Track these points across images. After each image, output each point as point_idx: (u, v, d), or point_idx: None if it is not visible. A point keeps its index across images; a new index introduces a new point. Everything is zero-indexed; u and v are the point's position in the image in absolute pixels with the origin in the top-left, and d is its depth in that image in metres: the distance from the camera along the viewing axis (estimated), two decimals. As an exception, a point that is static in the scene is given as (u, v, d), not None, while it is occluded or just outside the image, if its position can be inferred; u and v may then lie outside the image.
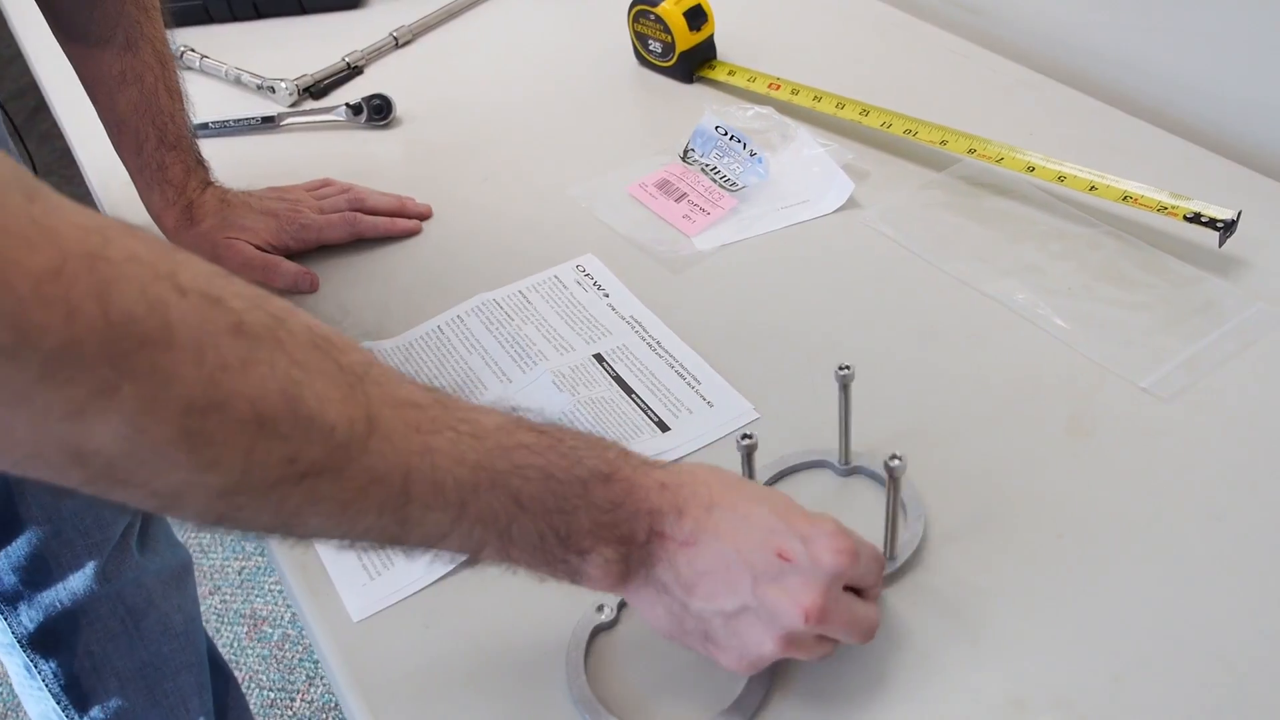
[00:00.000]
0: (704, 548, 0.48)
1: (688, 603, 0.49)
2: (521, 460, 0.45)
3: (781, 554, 0.48)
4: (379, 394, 0.42)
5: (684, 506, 0.49)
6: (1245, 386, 0.65)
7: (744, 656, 0.49)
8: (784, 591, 0.48)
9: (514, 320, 0.76)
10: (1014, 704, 0.51)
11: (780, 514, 0.50)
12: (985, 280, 0.75)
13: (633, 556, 0.48)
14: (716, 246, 0.81)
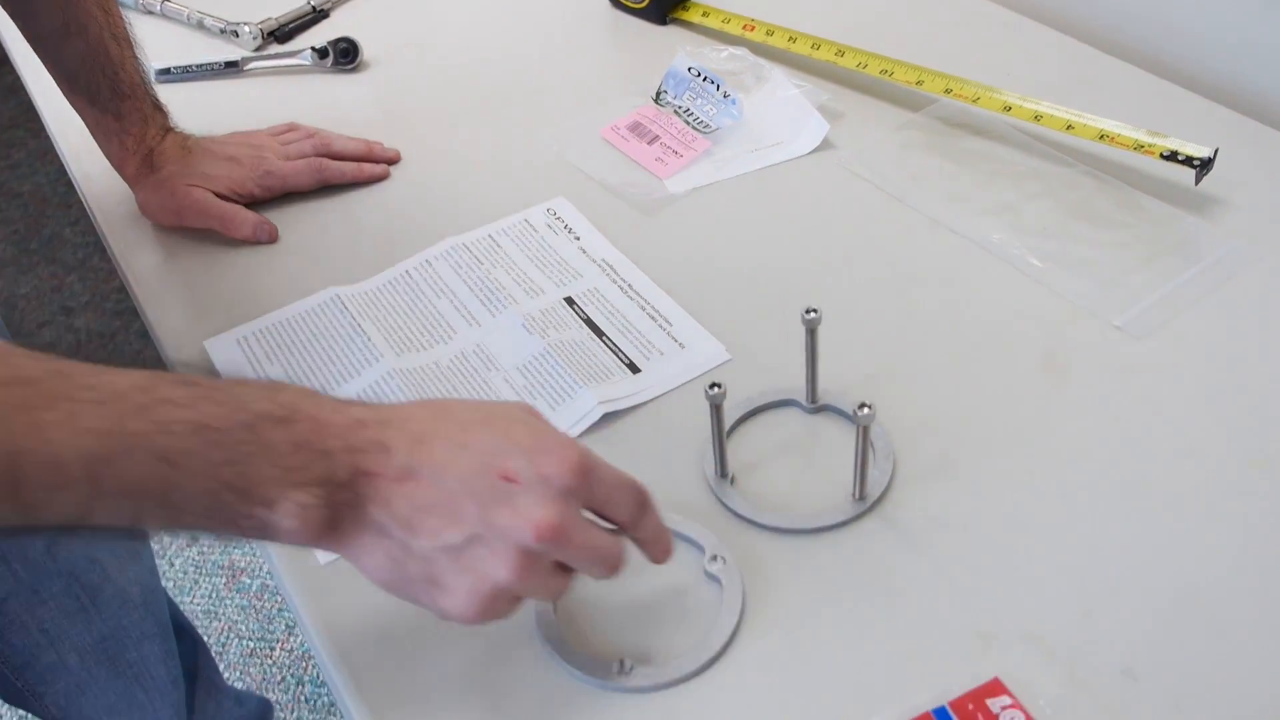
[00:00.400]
0: (422, 481, 0.45)
1: (410, 543, 0.45)
2: (164, 416, 0.41)
3: (505, 475, 0.45)
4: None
5: (390, 441, 0.45)
6: (1219, 324, 0.65)
7: (475, 592, 0.45)
8: (514, 512, 0.44)
9: (483, 264, 0.75)
10: (982, 638, 0.51)
11: (503, 434, 0.46)
12: (960, 221, 0.74)
13: (338, 500, 0.44)
14: (689, 189, 0.80)
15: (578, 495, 0.46)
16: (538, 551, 0.45)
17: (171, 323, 0.73)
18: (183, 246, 0.80)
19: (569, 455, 0.46)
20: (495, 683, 0.52)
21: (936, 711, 0.49)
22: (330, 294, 0.73)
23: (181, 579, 1.48)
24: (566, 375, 0.65)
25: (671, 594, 0.55)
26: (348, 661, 0.54)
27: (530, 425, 0.48)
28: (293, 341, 0.70)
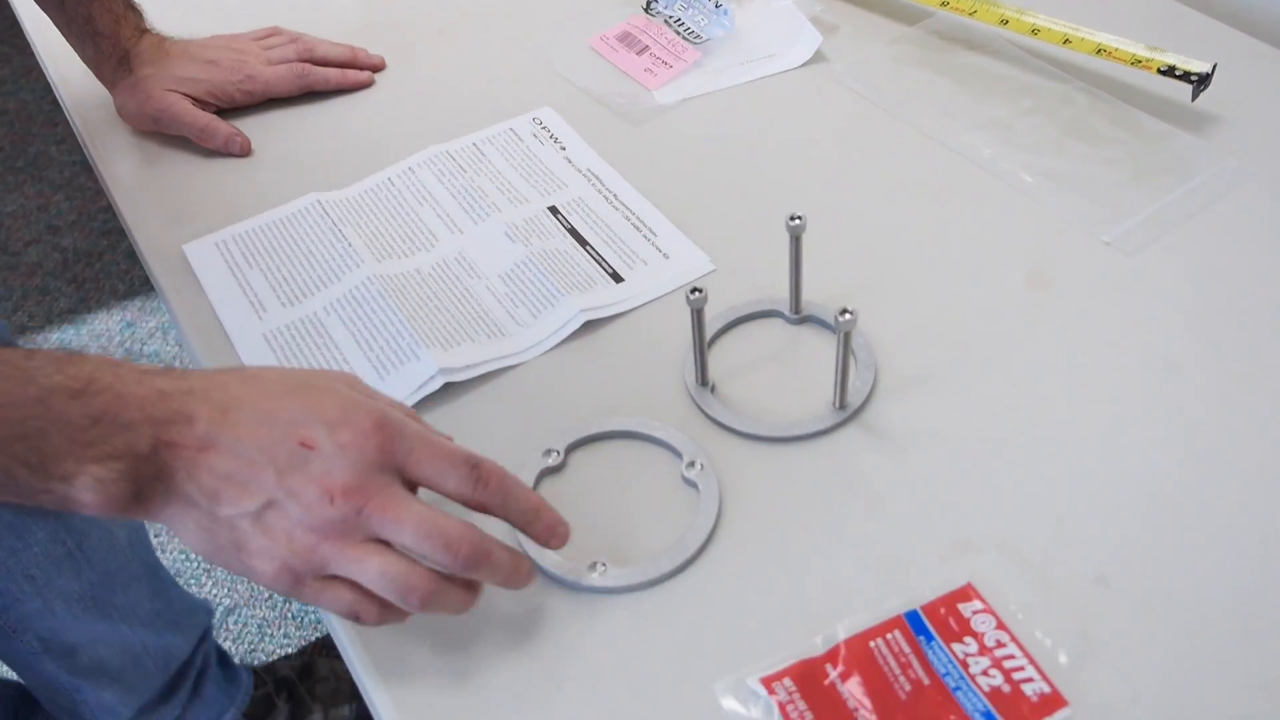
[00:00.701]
0: (223, 450, 0.44)
1: (215, 511, 0.45)
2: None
3: (304, 442, 0.45)
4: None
5: (193, 412, 0.45)
6: (1208, 242, 0.64)
7: (274, 555, 0.45)
8: (307, 477, 0.44)
9: (467, 172, 0.74)
10: (957, 545, 0.51)
11: (309, 403, 0.46)
12: (952, 136, 0.73)
13: (141, 473, 0.43)
14: (678, 100, 0.79)
15: (382, 464, 0.45)
16: (337, 518, 0.44)
17: (150, 227, 0.72)
18: (162, 151, 0.78)
19: (366, 422, 0.45)
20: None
21: (908, 615, 0.49)
22: (311, 199, 0.72)
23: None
24: (549, 283, 0.65)
25: (647, 499, 0.55)
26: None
27: (340, 395, 0.47)
28: (272, 246, 0.69)
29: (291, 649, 1.30)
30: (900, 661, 0.48)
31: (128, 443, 0.43)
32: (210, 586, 1.38)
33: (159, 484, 0.44)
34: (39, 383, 0.42)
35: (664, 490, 0.55)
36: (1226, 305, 0.61)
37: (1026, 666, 0.47)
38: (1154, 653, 0.47)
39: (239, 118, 0.80)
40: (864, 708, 0.46)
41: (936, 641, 0.48)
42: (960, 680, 0.47)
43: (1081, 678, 0.46)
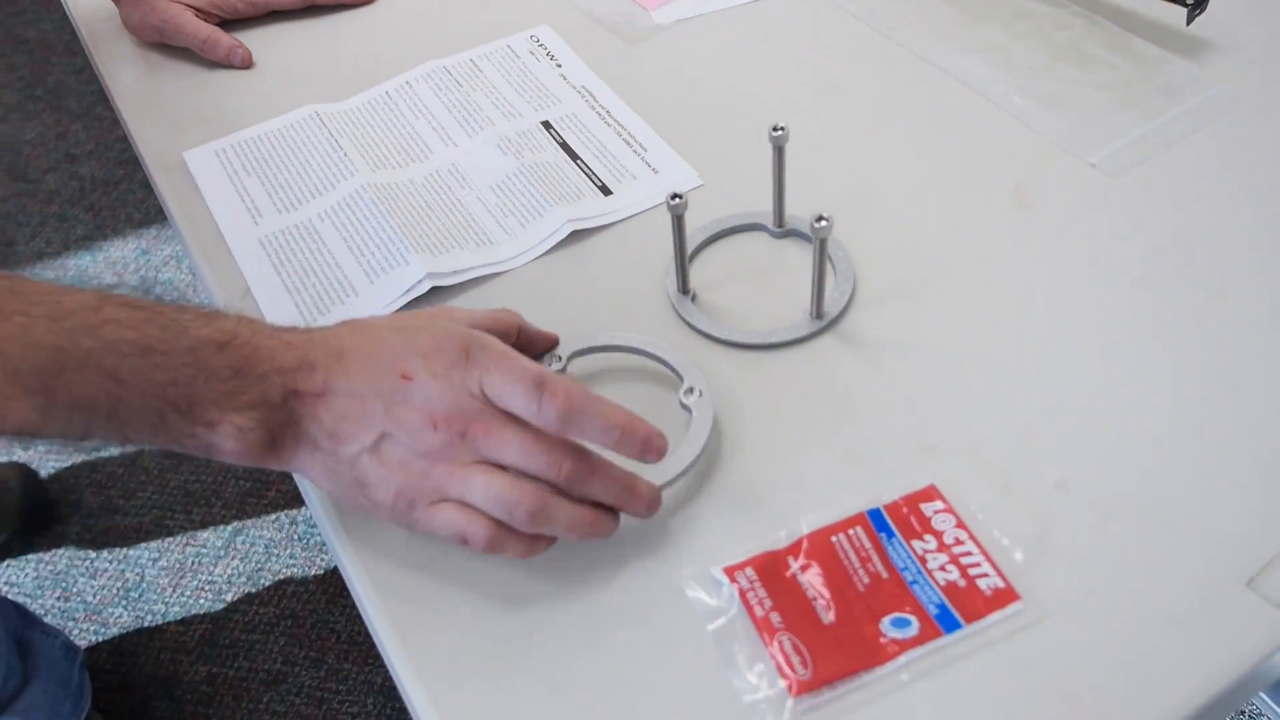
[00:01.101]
0: (338, 393, 0.47)
1: (337, 452, 0.47)
2: (112, 335, 0.43)
3: (404, 375, 0.47)
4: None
5: (314, 359, 0.48)
6: (1193, 165, 0.65)
7: (390, 484, 0.47)
8: (410, 406, 0.46)
9: (463, 87, 0.75)
10: (925, 448, 0.53)
11: (408, 340, 0.48)
12: (946, 58, 0.73)
13: (274, 420, 0.46)
14: (675, 20, 0.79)
15: (470, 385, 0.46)
16: (442, 442, 0.46)
17: (151, 134, 0.74)
18: (165, 62, 0.80)
19: (456, 349, 0.47)
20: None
21: (871, 512, 0.51)
22: (309, 111, 0.73)
23: (182, 419, 1.52)
24: (538, 195, 0.66)
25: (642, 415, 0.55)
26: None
27: (436, 329, 0.48)
28: (270, 155, 0.71)
29: (298, 571, 1.34)
30: (860, 555, 0.49)
31: (263, 393, 0.46)
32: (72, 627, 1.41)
33: (289, 430, 0.47)
34: (191, 334, 0.45)
35: (659, 409, 0.55)
36: (1204, 227, 0.61)
37: (983, 563, 0.48)
38: (1108, 554, 0.48)
39: (241, 30, 0.81)
40: (822, 597, 0.48)
41: (897, 538, 0.50)
42: (918, 574, 0.48)
43: (1036, 575, 0.48)
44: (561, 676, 0.47)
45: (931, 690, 0.45)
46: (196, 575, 1.35)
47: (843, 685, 0.45)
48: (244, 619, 1.30)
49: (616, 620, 0.48)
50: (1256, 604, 0.46)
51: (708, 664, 0.47)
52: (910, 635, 0.47)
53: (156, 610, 1.32)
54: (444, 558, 0.51)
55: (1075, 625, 0.46)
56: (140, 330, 0.44)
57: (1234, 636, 0.45)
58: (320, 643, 1.27)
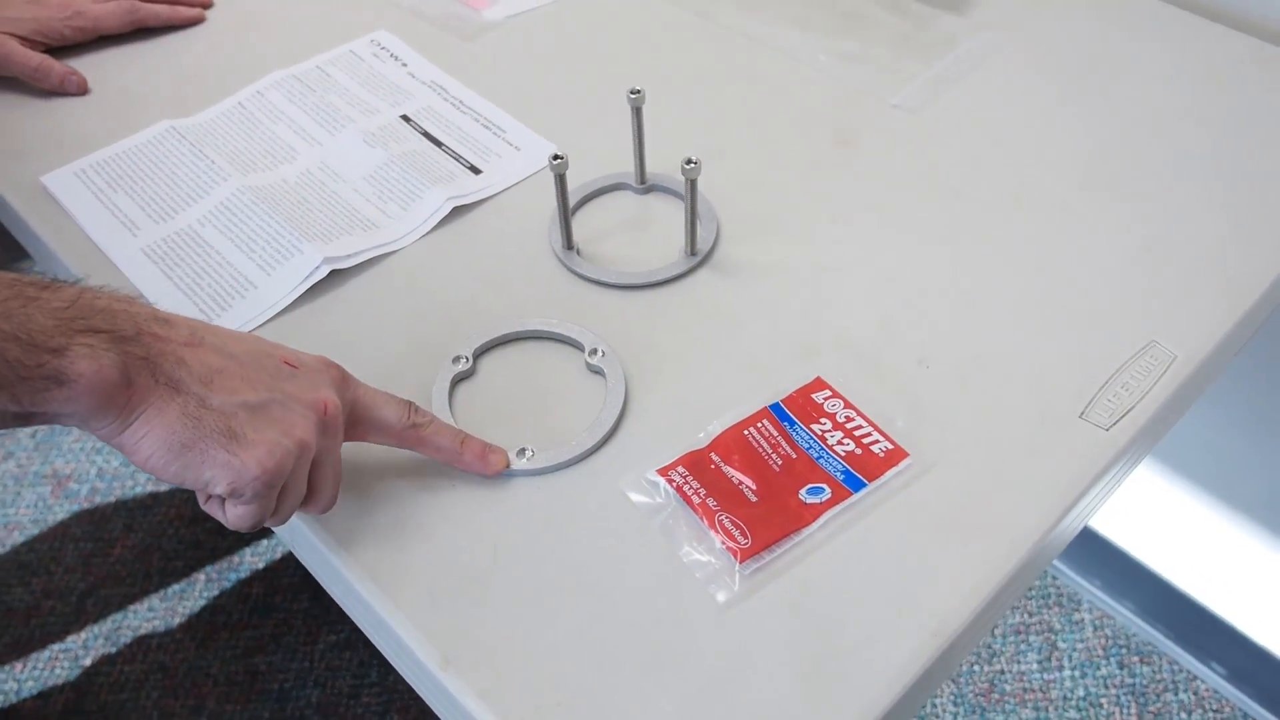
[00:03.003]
0: (210, 349, 0.47)
1: (206, 397, 0.46)
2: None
3: (288, 361, 0.50)
4: None
5: (168, 317, 0.47)
6: (975, 98, 0.76)
7: (277, 444, 0.47)
8: (301, 388, 0.49)
9: (316, 92, 0.78)
10: (805, 349, 0.61)
11: (268, 342, 0.51)
12: (755, 29, 0.82)
13: (128, 350, 0.44)
14: (505, 17, 0.85)
15: (344, 390, 0.52)
16: (326, 426, 0.49)
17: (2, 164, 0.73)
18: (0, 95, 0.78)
19: (322, 359, 0.52)
20: (409, 485, 0.56)
21: (772, 406, 0.58)
22: (165, 126, 0.74)
23: (2, 492, 1.43)
24: (413, 180, 0.70)
25: (559, 389, 0.60)
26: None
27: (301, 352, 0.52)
28: (134, 170, 0.71)
29: (159, 623, 1.29)
30: (770, 443, 0.56)
31: (109, 322, 0.44)
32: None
33: (146, 365, 0.45)
34: (3, 278, 0.43)
35: (571, 377, 0.60)
36: (994, 145, 0.72)
37: (872, 433, 0.57)
38: (969, 409, 0.57)
39: (71, 58, 0.80)
40: (746, 482, 0.55)
41: (798, 424, 0.57)
42: (821, 451, 0.56)
43: (917, 435, 0.56)
44: (529, 586, 0.51)
45: (851, 539, 0.53)
46: (46, 646, 1.28)
47: (778, 547, 0.52)
48: (108, 680, 1.25)
49: (571, 532, 0.53)
50: (1089, 430, 0.56)
51: (660, 553, 0.52)
52: (825, 499, 0.54)
53: (8, 689, 1.25)
54: (393, 500, 0.54)
55: (954, 470, 0.55)
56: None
57: (1077, 457, 0.55)
58: (197, 689, 1.24)
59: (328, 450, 0.50)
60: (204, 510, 0.49)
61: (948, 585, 0.51)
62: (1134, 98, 0.75)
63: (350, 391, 0.52)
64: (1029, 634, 1.26)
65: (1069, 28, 0.81)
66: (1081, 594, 1.30)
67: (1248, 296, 0.62)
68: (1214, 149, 0.71)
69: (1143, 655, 1.24)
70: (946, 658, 0.50)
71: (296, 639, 1.26)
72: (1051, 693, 1.22)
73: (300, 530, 0.55)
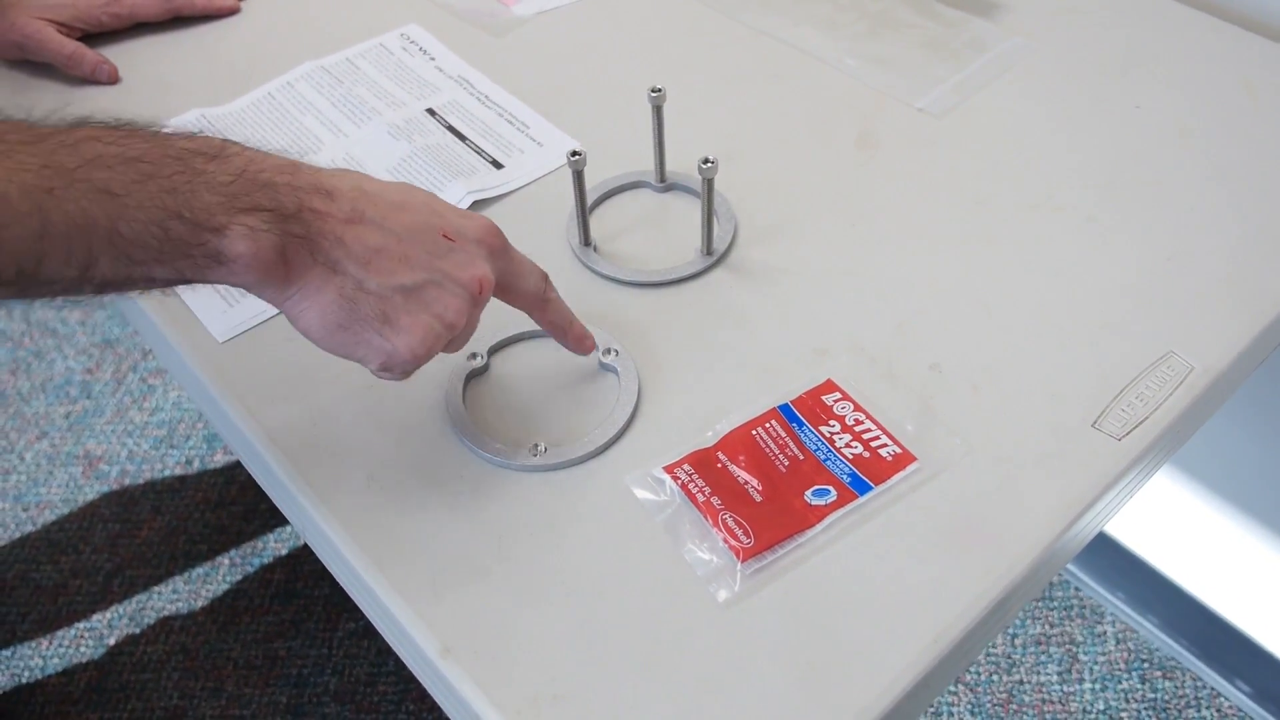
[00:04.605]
0: (370, 226, 0.47)
1: (364, 280, 0.47)
2: (93, 152, 0.42)
3: (446, 234, 0.50)
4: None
5: (333, 188, 0.47)
6: (1001, 104, 0.75)
7: (429, 329, 0.48)
8: (457, 265, 0.49)
9: (344, 84, 0.78)
10: (817, 352, 0.61)
11: (431, 200, 0.51)
12: (783, 30, 0.82)
13: (288, 230, 0.45)
14: (535, 13, 0.85)
15: (498, 261, 0.52)
16: (477, 301, 0.51)
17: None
18: (32, 81, 0.80)
19: (491, 225, 0.53)
20: (420, 477, 0.56)
21: (781, 407, 0.58)
22: (195, 114, 0.76)
23: (35, 471, 1.46)
24: (435, 173, 0.71)
25: (572, 387, 0.60)
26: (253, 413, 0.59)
27: (440, 198, 0.52)
28: (163, 158, 0.73)
29: (183, 605, 1.31)
30: (778, 444, 0.56)
31: (272, 199, 0.45)
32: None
33: (304, 244, 0.45)
34: (177, 145, 0.44)
35: (586, 374, 0.61)
36: (1017, 151, 0.72)
37: (881, 436, 0.56)
38: (980, 415, 0.57)
39: (106, 45, 0.82)
40: (751, 481, 0.55)
41: (806, 426, 0.57)
42: (829, 453, 0.56)
43: (926, 440, 0.56)
44: (533, 578, 0.52)
45: (855, 542, 0.53)
46: (72, 624, 1.31)
47: (781, 548, 0.52)
48: (131, 660, 1.27)
49: (575, 527, 0.54)
50: (1101, 440, 0.56)
51: (662, 549, 0.53)
52: (830, 501, 0.54)
53: (34, 666, 1.27)
54: (403, 491, 0.55)
55: (963, 476, 0.55)
56: (122, 145, 0.43)
57: (1087, 466, 0.55)
58: (217, 672, 1.25)
59: (475, 317, 0.52)
60: None
61: (950, 591, 0.50)
62: (1162, 106, 0.74)
63: (503, 259, 0.53)
64: (1050, 645, 1.25)
65: (1099, 34, 0.80)
66: (1105, 606, 1.28)
67: (1269, 310, 0.61)
68: (1244, 160, 0.70)
69: (1165, 670, 1.22)
70: (947, 664, 0.50)
71: (316, 626, 1.28)
72: (1071, 705, 1.20)
73: (310, 518, 0.56)
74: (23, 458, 1.48)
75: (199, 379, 0.61)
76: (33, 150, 0.41)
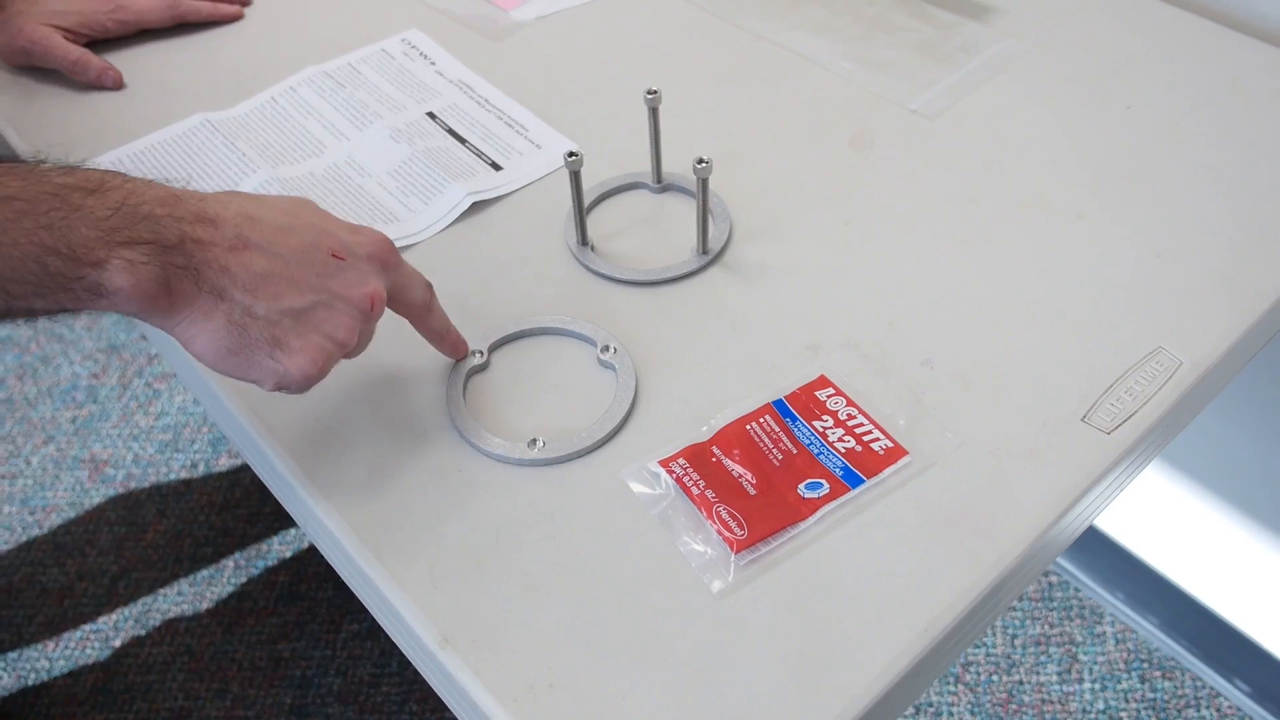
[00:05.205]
0: (256, 251, 0.47)
1: (251, 306, 0.47)
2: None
3: (335, 253, 0.50)
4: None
5: (216, 215, 0.47)
6: (993, 105, 0.76)
7: (320, 349, 0.49)
8: (346, 284, 0.50)
9: (346, 88, 0.80)
10: (810, 348, 0.61)
11: (321, 218, 0.52)
12: (778, 34, 0.83)
13: (170, 261, 0.45)
14: (534, 17, 0.86)
15: (390, 274, 0.53)
16: (368, 316, 0.52)
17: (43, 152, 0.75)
18: (40, 87, 0.81)
19: (383, 238, 0.53)
20: (420, 471, 0.57)
21: (775, 403, 0.59)
22: (200, 119, 0.77)
23: (41, 475, 1.47)
24: (435, 175, 0.72)
25: (570, 383, 0.61)
26: (261, 418, 0.60)
27: (332, 216, 0.53)
28: (169, 160, 0.74)
29: (188, 607, 1.32)
30: (772, 438, 0.57)
31: (153, 231, 0.45)
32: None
33: (188, 275, 0.46)
34: (53, 180, 0.44)
35: (583, 371, 0.61)
36: (1009, 152, 0.73)
37: (873, 430, 0.57)
38: (971, 410, 0.58)
39: (111, 51, 0.83)
40: (745, 475, 0.56)
41: (800, 421, 0.58)
42: (822, 447, 0.57)
43: (917, 434, 0.57)
44: (530, 570, 0.53)
45: (847, 534, 0.53)
46: (78, 627, 1.32)
47: (774, 540, 0.53)
48: (137, 661, 1.28)
49: (571, 520, 0.55)
50: (1090, 434, 0.57)
51: (658, 541, 0.53)
52: (823, 494, 0.55)
53: (40, 667, 1.28)
54: (404, 485, 0.56)
55: (954, 469, 0.56)
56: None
57: (1077, 460, 0.56)
58: (222, 673, 1.26)
59: (369, 331, 0.53)
60: None
61: (940, 583, 0.51)
62: (1152, 106, 0.75)
63: (394, 273, 0.54)
64: (1049, 645, 1.25)
65: (1090, 37, 0.81)
66: (1104, 607, 1.29)
67: (1258, 306, 0.62)
68: (1233, 158, 0.71)
69: (1165, 670, 1.23)
70: (936, 654, 0.50)
71: (320, 627, 1.29)
72: (1071, 705, 1.21)
73: (312, 512, 0.57)
74: (29, 462, 1.49)
75: (203, 378, 0.62)
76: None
